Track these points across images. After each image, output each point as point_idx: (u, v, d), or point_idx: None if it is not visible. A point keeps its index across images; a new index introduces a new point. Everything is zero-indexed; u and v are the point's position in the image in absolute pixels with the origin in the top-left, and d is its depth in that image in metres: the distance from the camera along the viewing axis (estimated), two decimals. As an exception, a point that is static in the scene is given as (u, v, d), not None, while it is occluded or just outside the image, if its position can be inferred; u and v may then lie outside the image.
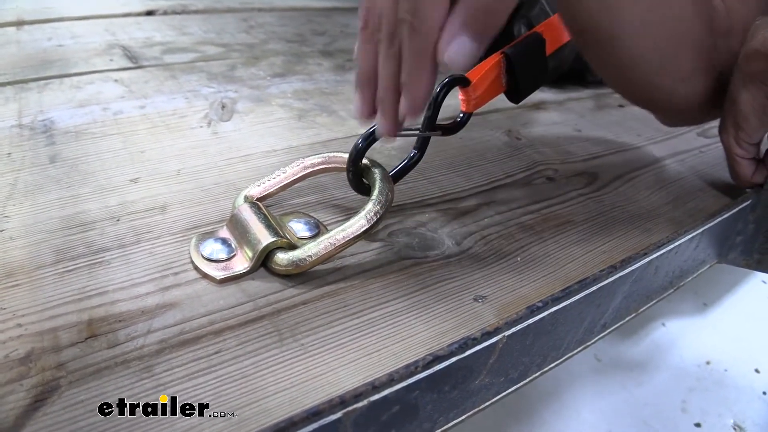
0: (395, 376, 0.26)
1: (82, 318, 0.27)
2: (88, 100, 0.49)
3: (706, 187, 0.48)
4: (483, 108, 0.41)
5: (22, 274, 0.30)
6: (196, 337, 0.27)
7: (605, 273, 0.35)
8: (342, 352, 0.27)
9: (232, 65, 0.61)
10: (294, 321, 0.29)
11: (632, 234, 0.40)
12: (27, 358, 0.25)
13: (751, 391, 0.77)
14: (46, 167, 0.39)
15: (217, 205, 0.37)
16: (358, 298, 0.31)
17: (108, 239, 0.33)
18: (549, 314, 0.32)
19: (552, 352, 0.36)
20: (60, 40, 0.61)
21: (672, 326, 0.85)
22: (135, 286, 0.30)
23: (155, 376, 0.25)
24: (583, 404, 0.71)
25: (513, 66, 0.40)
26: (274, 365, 0.26)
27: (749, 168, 0.43)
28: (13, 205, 0.35)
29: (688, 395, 0.75)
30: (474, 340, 0.28)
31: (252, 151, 0.44)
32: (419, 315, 0.30)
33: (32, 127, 0.44)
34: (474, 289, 0.33)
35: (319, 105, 0.54)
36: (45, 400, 0.23)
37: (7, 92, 0.49)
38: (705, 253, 0.47)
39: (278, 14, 0.82)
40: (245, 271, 0.31)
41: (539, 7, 0.57)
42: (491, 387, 0.33)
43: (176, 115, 0.48)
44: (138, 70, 0.56)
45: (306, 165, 0.38)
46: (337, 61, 0.66)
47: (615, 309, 0.40)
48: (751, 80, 0.38)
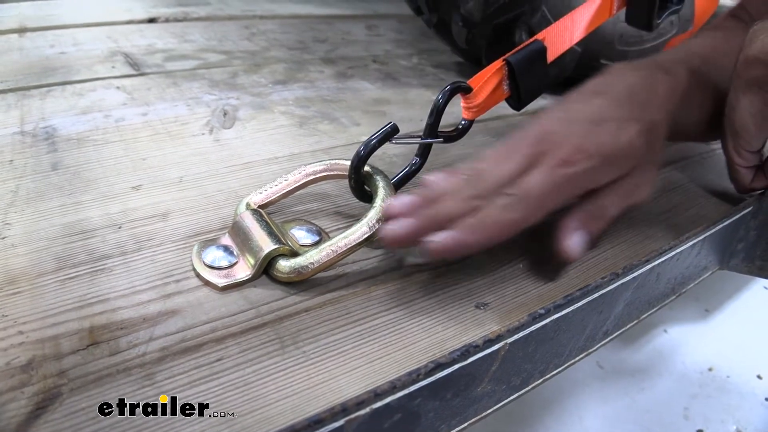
0: (397, 384, 0.26)
1: (84, 325, 0.27)
2: (90, 107, 0.49)
3: (708, 193, 0.47)
4: (484, 115, 0.41)
5: (23, 281, 0.30)
6: (198, 344, 0.27)
7: (607, 280, 0.35)
8: (344, 360, 0.27)
9: (234, 72, 0.61)
10: (296, 328, 0.29)
11: (634, 241, 0.39)
12: (28, 365, 0.25)
13: (754, 398, 0.77)
14: (48, 174, 0.39)
15: (219, 212, 0.37)
16: (360, 305, 0.31)
17: (110, 246, 0.33)
18: (551, 321, 0.32)
19: (554, 359, 0.36)
20: (62, 47, 0.62)
21: (674, 333, 0.85)
22: (137, 293, 0.30)
23: (157, 384, 0.25)
24: (586, 411, 0.71)
25: (515, 73, 0.40)
26: (275, 373, 0.26)
27: (748, 175, 0.43)
28: (15, 212, 0.35)
29: (691, 402, 0.75)
30: (476, 347, 0.28)
31: (254, 159, 0.44)
32: (421, 322, 0.30)
33: (34, 134, 0.44)
34: (476, 296, 0.33)
35: (321, 112, 0.54)
36: (46, 408, 0.23)
37: (10, 99, 0.49)
38: (707, 260, 0.47)
39: (280, 22, 0.82)
40: (247, 279, 0.31)
41: (541, 14, 0.58)
42: (493, 394, 0.33)
43: (178, 122, 0.48)
44: (140, 78, 0.57)
45: (308, 172, 0.38)
46: (338, 69, 0.66)
47: (617, 316, 0.40)
48: (749, 87, 0.38)
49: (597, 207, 0.35)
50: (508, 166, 0.33)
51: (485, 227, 0.31)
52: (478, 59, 0.67)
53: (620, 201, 0.36)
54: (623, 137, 0.34)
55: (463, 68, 0.73)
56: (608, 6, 0.48)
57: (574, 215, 0.35)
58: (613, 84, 0.38)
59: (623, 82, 0.38)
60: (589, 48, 0.59)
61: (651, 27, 0.50)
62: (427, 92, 0.63)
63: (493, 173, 0.33)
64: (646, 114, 0.37)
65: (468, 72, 0.51)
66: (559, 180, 0.32)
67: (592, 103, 0.37)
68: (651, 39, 0.63)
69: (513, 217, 0.31)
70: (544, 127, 0.35)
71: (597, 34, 0.53)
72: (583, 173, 0.33)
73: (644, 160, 0.36)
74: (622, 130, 0.35)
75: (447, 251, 0.30)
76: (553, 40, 0.44)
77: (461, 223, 0.30)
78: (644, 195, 0.37)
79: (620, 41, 0.61)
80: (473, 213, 0.31)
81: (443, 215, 0.31)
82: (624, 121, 0.35)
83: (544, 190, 0.32)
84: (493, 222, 0.31)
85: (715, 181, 0.50)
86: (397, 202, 0.32)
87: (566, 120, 0.35)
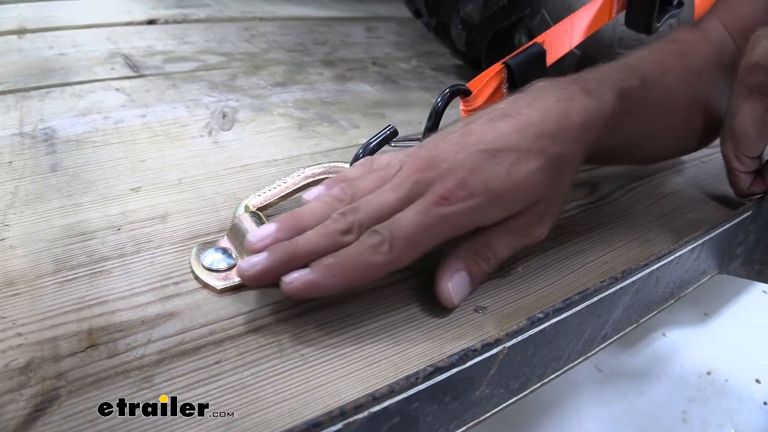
0: (395, 388, 0.25)
1: (82, 327, 0.27)
2: (90, 108, 0.49)
3: (707, 197, 0.48)
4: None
5: (22, 283, 0.30)
6: (196, 347, 0.27)
7: (606, 284, 0.35)
8: (342, 363, 0.27)
9: (233, 74, 0.61)
10: (294, 331, 0.29)
11: (633, 245, 0.39)
12: (27, 367, 0.25)
13: (752, 402, 0.77)
14: (47, 176, 0.39)
15: (218, 214, 0.37)
16: (359, 308, 0.31)
17: (108, 248, 0.33)
18: (550, 325, 0.32)
19: (553, 363, 0.36)
20: (62, 48, 0.62)
21: (673, 336, 0.85)
22: (135, 295, 0.30)
23: (155, 386, 0.25)
24: (584, 414, 0.71)
25: (514, 76, 0.40)
26: (274, 376, 0.26)
27: (747, 180, 0.43)
28: (13, 214, 0.35)
29: (689, 405, 0.75)
30: (474, 351, 0.28)
31: (253, 161, 0.44)
32: (419, 326, 0.30)
33: (33, 135, 0.44)
34: (474, 299, 0.33)
35: (320, 114, 0.54)
36: (45, 410, 0.23)
37: (9, 100, 0.49)
38: (706, 264, 0.47)
39: (279, 24, 0.82)
40: (246, 281, 0.31)
41: (540, 17, 0.58)
42: (492, 398, 0.33)
43: (177, 124, 0.48)
44: (139, 79, 0.57)
45: (307, 175, 0.38)
46: (337, 71, 0.66)
47: (616, 320, 0.40)
48: (750, 93, 0.38)
49: (484, 246, 0.32)
50: (387, 196, 0.30)
51: (345, 270, 0.28)
52: (477, 62, 0.67)
53: (512, 242, 0.33)
54: (519, 173, 0.31)
55: (462, 71, 0.73)
56: (608, 9, 0.48)
57: (458, 255, 0.32)
58: (527, 106, 0.34)
59: (538, 106, 0.34)
60: (588, 51, 0.59)
61: (650, 30, 0.50)
62: (427, 95, 0.63)
63: (368, 204, 0.30)
64: (555, 146, 0.32)
65: (467, 75, 0.51)
66: (433, 221, 0.29)
67: (494, 127, 0.32)
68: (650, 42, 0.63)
69: (378, 261, 0.28)
70: (434, 152, 0.32)
71: (596, 38, 0.53)
72: (463, 213, 0.30)
73: (543, 197, 0.33)
74: (519, 163, 0.31)
75: (299, 293, 0.28)
76: (553, 44, 0.45)
77: (319, 262, 0.28)
78: (540, 235, 0.34)
79: (620, 44, 0.61)
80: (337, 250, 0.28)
81: (302, 251, 0.28)
82: (524, 152, 0.31)
83: (416, 232, 0.29)
84: (354, 264, 0.28)
85: (714, 185, 0.50)
86: (257, 233, 0.30)
87: (459, 147, 0.31)
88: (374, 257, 0.28)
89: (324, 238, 0.29)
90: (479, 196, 0.30)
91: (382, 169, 0.32)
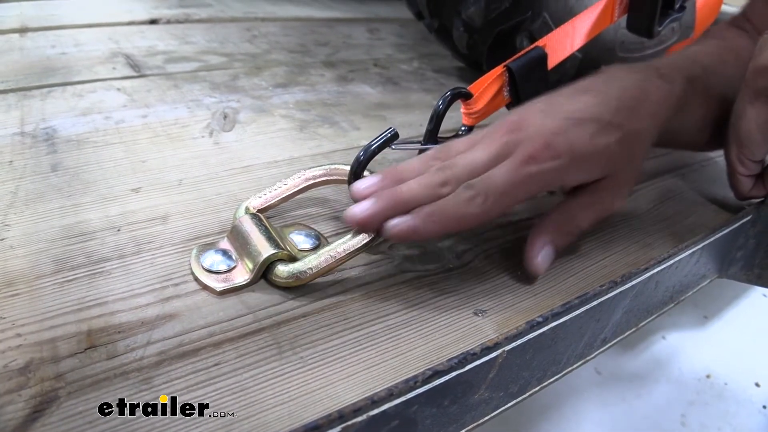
0: (394, 391, 0.26)
1: (82, 328, 0.27)
2: (91, 108, 0.49)
3: (707, 202, 0.48)
4: (485, 122, 0.41)
5: (21, 283, 0.30)
6: (196, 349, 0.27)
7: (605, 288, 0.35)
8: (341, 366, 0.27)
9: (235, 75, 0.61)
10: (294, 334, 0.29)
11: (633, 249, 0.39)
12: (26, 368, 0.25)
13: (751, 405, 0.77)
14: (48, 176, 0.39)
15: (218, 216, 0.37)
16: (359, 311, 0.31)
17: (108, 249, 0.33)
18: (549, 329, 0.32)
19: (552, 366, 0.36)
20: (63, 47, 0.62)
21: (672, 339, 0.85)
22: (135, 296, 0.30)
23: (154, 388, 0.25)
24: (584, 417, 0.71)
25: (515, 79, 0.40)
26: (273, 378, 0.26)
27: (749, 183, 0.43)
28: (14, 214, 0.35)
29: (688, 408, 0.75)
30: (474, 354, 0.28)
31: (253, 162, 0.44)
32: (419, 329, 0.30)
33: (34, 135, 0.44)
34: (474, 303, 0.33)
35: (321, 116, 0.54)
36: (43, 411, 0.23)
37: (10, 99, 0.49)
38: (705, 268, 0.47)
39: (281, 24, 0.82)
40: (245, 283, 0.31)
41: (542, 20, 0.58)
42: (491, 401, 0.33)
43: (178, 124, 0.48)
44: (141, 79, 0.57)
45: (307, 177, 0.38)
46: (339, 72, 0.66)
47: (615, 324, 0.40)
48: (757, 97, 0.38)
49: (567, 220, 0.35)
50: (479, 155, 0.33)
51: (443, 218, 0.31)
52: (479, 64, 0.67)
53: (591, 215, 0.35)
54: (600, 141, 0.33)
55: (464, 73, 0.73)
56: (609, 13, 0.48)
57: (544, 230, 0.34)
58: (604, 84, 0.37)
59: (615, 84, 0.37)
60: (589, 55, 0.59)
61: (652, 34, 0.50)
62: (428, 97, 0.63)
63: (463, 161, 0.33)
64: (633, 121, 0.35)
65: (469, 77, 0.51)
66: (522, 178, 0.32)
67: (577, 99, 0.35)
68: (652, 46, 0.63)
69: (472, 212, 0.31)
70: (522, 116, 0.34)
71: (598, 41, 0.53)
72: (549, 172, 0.32)
73: (621, 168, 0.35)
74: (600, 133, 0.34)
75: (400, 237, 0.31)
76: (554, 47, 0.45)
77: (420, 210, 0.31)
78: (615, 206, 0.36)
79: (621, 48, 0.61)
80: (435, 200, 0.31)
81: (405, 198, 0.31)
82: (606, 124, 0.34)
83: (506, 188, 0.31)
84: (451, 213, 0.31)
85: (714, 189, 0.50)
86: (361, 182, 0.32)
87: (545, 113, 0.34)
88: (469, 208, 0.31)
89: (424, 188, 0.31)
90: (563, 157, 0.32)
91: (473, 133, 0.35)
